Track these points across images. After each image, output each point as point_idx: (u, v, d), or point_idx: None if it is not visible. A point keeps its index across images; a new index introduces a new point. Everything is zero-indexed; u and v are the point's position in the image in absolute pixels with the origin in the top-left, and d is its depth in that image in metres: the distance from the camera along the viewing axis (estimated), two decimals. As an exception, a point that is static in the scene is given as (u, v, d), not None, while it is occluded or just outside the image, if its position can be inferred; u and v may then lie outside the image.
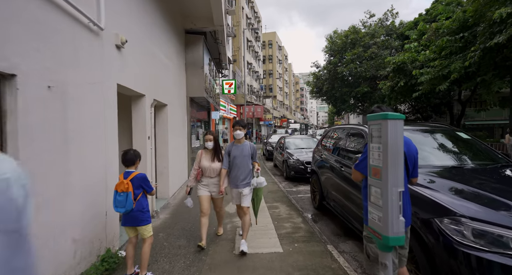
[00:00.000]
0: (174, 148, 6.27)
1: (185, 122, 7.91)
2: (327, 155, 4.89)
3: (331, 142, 5.00)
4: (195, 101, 9.21)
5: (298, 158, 8.12)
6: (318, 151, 5.55)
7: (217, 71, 13.34)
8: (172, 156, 6.07)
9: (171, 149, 5.99)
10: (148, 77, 4.47)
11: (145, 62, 4.42)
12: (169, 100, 5.89)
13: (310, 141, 9.91)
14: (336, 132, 4.98)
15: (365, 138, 3.56)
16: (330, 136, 5.19)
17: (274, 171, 10.30)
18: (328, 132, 5.45)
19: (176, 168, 6.40)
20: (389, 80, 15.28)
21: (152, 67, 4.75)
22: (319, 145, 5.73)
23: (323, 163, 4.94)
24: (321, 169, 5.05)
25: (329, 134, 5.28)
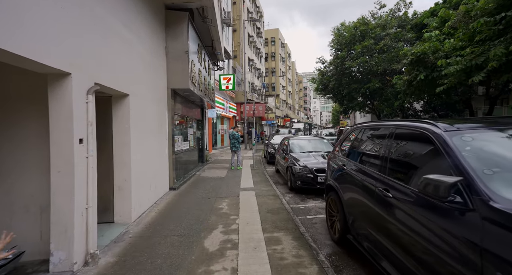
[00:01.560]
0: (143, 153, 4.73)
1: (165, 120, 6.36)
2: (352, 165, 3.32)
3: (358, 147, 3.41)
4: (180, 95, 7.67)
5: (306, 165, 6.53)
6: (336, 158, 3.97)
7: (213, 64, 11.80)
8: (139, 164, 4.53)
9: (138, 154, 4.44)
10: (82, 47, 2.92)
11: (79, 22, 2.88)
12: (134, 89, 4.35)
13: (320, 143, 8.31)
14: (366, 132, 3.38)
15: (435, 144, 1.99)
16: (356, 138, 3.59)
17: (276, 178, 8.72)
18: (351, 132, 3.85)
19: (145, 180, 4.85)
20: (406, 74, 13.61)
21: (94, 34, 3.20)
22: (338, 149, 4.14)
23: (346, 177, 3.36)
24: (342, 184, 3.47)
25: (354, 136, 3.68)
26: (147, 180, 4.93)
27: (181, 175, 7.88)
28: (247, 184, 7.45)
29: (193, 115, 9.91)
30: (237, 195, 6.17)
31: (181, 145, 8.09)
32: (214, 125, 18.15)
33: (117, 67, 3.81)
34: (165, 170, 6.26)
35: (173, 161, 6.72)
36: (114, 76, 3.71)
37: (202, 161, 11.55)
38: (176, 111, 7.45)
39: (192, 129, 9.81)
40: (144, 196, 4.78)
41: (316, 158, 6.99)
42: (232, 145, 10.26)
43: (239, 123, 25.53)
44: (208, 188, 6.90)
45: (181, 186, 7.03)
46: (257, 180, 7.98)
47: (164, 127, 6.27)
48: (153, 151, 5.33)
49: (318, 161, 6.75)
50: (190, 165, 9.38)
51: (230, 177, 8.60)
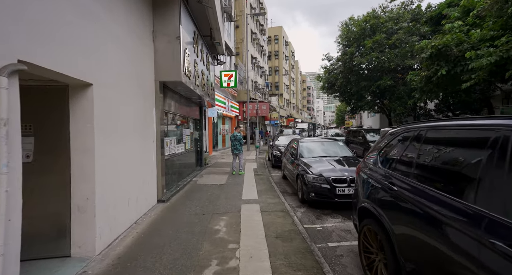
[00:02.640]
0: (117, 161, 3.66)
1: (152, 119, 5.30)
2: (408, 185, 2.20)
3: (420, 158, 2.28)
4: (172, 90, 6.60)
5: (321, 173, 5.43)
6: (374, 171, 2.86)
7: (213, 58, 10.73)
8: (110, 176, 3.46)
9: (107, 162, 3.38)
10: None
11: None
12: (102, 78, 3.28)
13: (334, 146, 7.18)
14: (433, 136, 2.21)
15: None
16: (412, 145, 2.45)
17: (283, 186, 7.61)
18: (399, 135, 2.71)
19: (121, 194, 3.78)
20: (424, 70, 12.44)
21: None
22: (374, 158, 3.03)
23: (400, 201, 2.25)
24: (391, 211, 2.36)
25: (407, 141, 2.54)
26: (123, 194, 3.86)
27: (173, 183, 6.81)
28: (250, 194, 6.36)
29: (189, 114, 8.85)
30: (238, 209, 5.08)
31: (174, 147, 7.02)
32: (214, 126, 17.10)
33: (72, 45, 2.75)
34: (152, 178, 5.20)
35: (163, 168, 5.65)
36: (67, 57, 2.65)
37: (201, 164, 10.49)
38: (167, 109, 6.39)
39: (188, 130, 8.74)
40: (119, 215, 3.71)
41: (332, 164, 5.88)
42: (234, 148, 9.19)
43: (241, 123, 24.44)
44: (204, 200, 5.83)
45: (172, 197, 5.96)
46: (261, 189, 6.89)
47: (151, 128, 5.20)
48: (133, 156, 4.26)
49: (335, 168, 5.64)
50: (186, 169, 8.32)
51: (230, 184, 7.52)
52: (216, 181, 7.91)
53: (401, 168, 2.40)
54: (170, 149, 6.64)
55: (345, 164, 5.84)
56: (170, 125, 6.78)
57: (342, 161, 6.09)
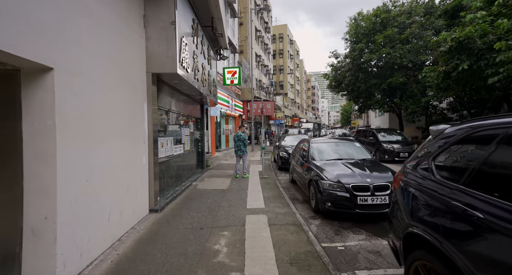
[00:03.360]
0: (92, 168, 2.95)
1: (143, 116, 4.58)
2: (508, 210, 1.43)
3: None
4: (168, 84, 5.89)
5: (339, 179, 4.65)
6: (430, 184, 2.07)
7: (215, 52, 10.01)
8: (80, 187, 2.75)
9: (75, 170, 2.67)
10: None
11: None
12: (69, 62, 2.58)
13: (350, 147, 6.38)
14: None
15: None
16: (500, 146, 1.66)
17: (292, 192, 6.85)
18: (471, 133, 1.88)
19: (98, 208, 3.06)
20: (441, 64, 11.55)
21: None
22: (428, 165, 2.24)
23: (492, 235, 1.47)
24: (475, 250, 1.58)
25: (487, 140, 1.73)
26: (101, 208, 3.15)
27: (170, 188, 6.10)
28: (256, 201, 5.61)
29: (189, 113, 8.14)
30: (242, 222, 4.34)
31: (171, 149, 6.31)
32: (217, 125, 16.40)
33: (22, 16, 2.03)
34: (142, 186, 4.48)
35: (156, 172, 4.93)
36: (13, 30, 1.94)
37: (202, 166, 9.77)
38: (163, 106, 5.68)
39: (188, 130, 8.03)
40: (95, 235, 2.99)
41: (350, 168, 5.10)
42: (237, 148, 8.45)
43: (245, 122, 23.71)
44: (203, 209, 5.10)
45: (168, 205, 5.25)
46: (268, 195, 6.13)
47: (141, 127, 4.49)
48: (115, 161, 3.54)
49: (354, 173, 4.86)
50: (185, 172, 7.61)
51: (234, 189, 6.78)
52: (218, 186, 7.18)
53: (486, 183, 1.62)
54: (166, 150, 5.93)
55: (366, 168, 5.06)
56: (166, 124, 6.08)
57: (361, 165, 5.30)
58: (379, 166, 5.41)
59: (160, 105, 5.51)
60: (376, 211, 4.37)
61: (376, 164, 5.47)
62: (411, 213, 2.20)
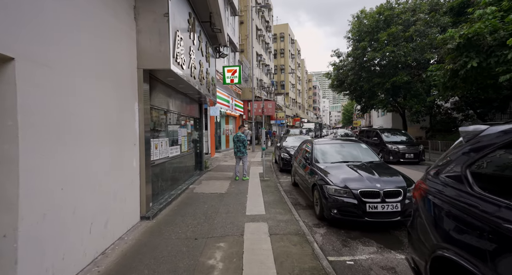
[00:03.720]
0: (66, 174, 2.59)
1: (134, 116, 4.23)
2: None
3: None
4: (163, 82, 5.54)
5: (346, 184, 4.28)
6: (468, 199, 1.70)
7: (214, 50, 9.66)
8: (52, 198, 2.39)
9: (46, 178, 2.31)
10: None
11: None
12: (37, 52, 2.23)
13: (356, 148, 6.00)
14: None
15: None
16: None
17: (294, 196, 6.49)
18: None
19: (70, 223, 2.69)
20: (448, 62, 11.15)
21: None
22: (462, 173, 1.87)
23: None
24: None
25: None
26: (80, 220, 2.79)
27: (164, 192, 5.75)
28: (256, 207, 5.25)
29: (187, 112, 7.79)
30: (240, 231, 3.98)
31: (167, 150, 5.96)
32: (217, 125, 16.05)
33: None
34: (132, 191, 4.13)
35: (149, 176, 4.58)
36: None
37: (200, 168, 9.42)
38: (157, 105, 5.32)
39: (185, 130, 7.68)
40: (72, 250, 2.63)
41: (357, 171, 4.72)
42: (237, 150, 8.09)
43: (246, 122, 23.36)
44: (199, 215, 4.74)
45: (161, 211, 4.89)
46: (269, 200, 5.77)
47: (131, 127, 4.13)
48: (99, 166, 3.19)
49: (361, 177, 4.49)
50: (182, 175, 7.25)
51: (233, 193, 6.42)
52: (216, 189, 6.82)
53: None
54: (161, 152, 5.58)
55: (374, 171, 4.68)
56: (161, 125, 5.72)
57: (369, 168, 4.93)
58: (388, 169, 5.03)
59: (153, 104, 5.16)
60: (387, 219, 4.00)
61: (384, 167, 5.09)
62: (440, 231, 1.83)
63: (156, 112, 5.40)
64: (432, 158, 12.76)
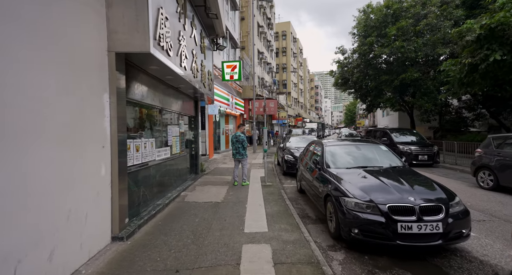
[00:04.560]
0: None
1: (102, 111, 3.36)
2: None
3: None
4: (145, 71, 4.66)
5: (371, 198, 3.39)
6: None
7: (211, 42, 8.80)
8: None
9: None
10: None
11: None
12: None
13: (374, 151, 5.09)
14: None
15: None
16: None
17: (301, 207, 5.61)
18: None
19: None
20: (466, 56, 10.23)
21: None
22: None
23: None
24: None
25: None
26: (1, 257, 1.93)
27: (148, 203, 4.88)
28: (257, 221, 4.37)
29: (179, 109, 6.92)
30: (236, 258, 3.10)
31: (153, 153, 5.10)
32: (216, 125, 15.19)
33: None
34: (98, 206, 3.26)
35: (124, 185, 3.71)
36: None
37: (196, 171, 8.56)
38: (137, 99, 4.46)
39: (177, 129, 6.82)
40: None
41: (381, 179, 3.84)
42: (236, 151, 7.23)
43: (247, 122, 22.48)
44: (186, 233, 3.87)
45: (141, 228, 4.02)
46: (272, 212, 4.89)
47: (99, 126, 3.27)
48: (45, 176, 2.33)
49: (387, 186, 3.60)
50: (172, 181, 6.39)
51: (230, 202, 5.55)
52: (211, 197, 5.95)
53: None
54: (144, 155, 4.72)
55: (402, 180, 3.80)
56: (145, 122, 4.86)
57: (394, 175, 4.04)
58: (418, 176, 4.14)
59: (133, 98, 4.30)
60: (425, 242, 3.11)
61: (413, 174, 4.20)
62: None
63: (137, 108, 4.54)
64: (446, 159, 11.83)
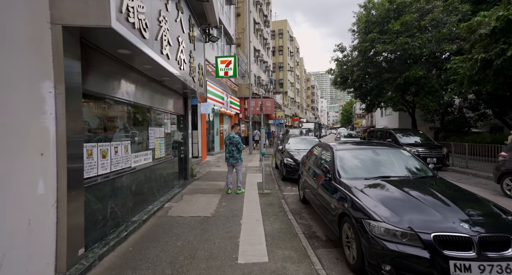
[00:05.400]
0: None
1: (42, 105, 2.42)
2: None
3: None
4: (114, 57, 3.72)
5: (408, 223, 2.51)
6: None
7: (202, 32, 7.88)
8: None
9: None
10: None
11: None
12: None
13: (399, 157, 4.19)
14: None
15: None
16: None
17: (307, 222, 4.74)
18: None
19: None
20: (478, 51, 9.47)
21: None
22: None
23: None
24: None
25: None
26: None
27: (118, 222, 3.94)
28: (254, 246, 3.48)
29: (164, 107, 6.00)
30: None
31: (126, 159, 4.17)
32: (210, 125, 14.26)
33: None
34: (32, 238, 2.34)
35: (78, 204, 2.79)
36: None
37: (185, 176, 7.64)
38: (101, 91, 3.53)
39: (161, 130, 5.90)
40: None
41: (417, 197, 2.97)
42: (229, 155, 6.33)
43: (242, 122, 21.56)
44: (162, 266, 2.96)
45: (103, 259, 3.09)
46: (273, 230, 4.01)
47: (33, 125, 2.34)
48: None
49: (425, 205, 2.75)
50: (155, 190, 5.46)
51: (221, 216, 4.65)
52: (199, 210, 5.04)
53: None
54: (115, 162, 3.80)
55: (443, 196, 2.94)
56: (115, 121, 3.94)
57: (428, 189, 3.18)
58: (460, 190, 3.30)
59: (97, 90, 3.38)
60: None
61: (453, 188, 3.35)
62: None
63: (101, 102, 3.62)
64: (455, 162, 11.09)
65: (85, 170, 3.10)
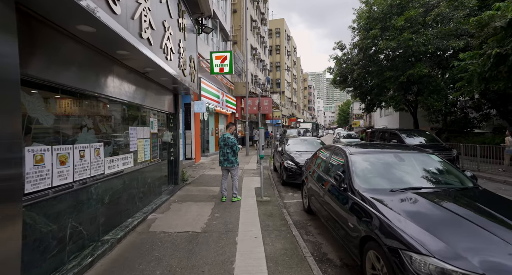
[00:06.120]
0: None
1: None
2: None
3: None
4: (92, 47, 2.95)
5: (471, 261, 1.80)
6: None
7: (195, 22, 7.12)
8: None
9: None
10: None
11: None
12: None
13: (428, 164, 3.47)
14: None
15: None
16: None
17: (314, 239, 4.03)
18: None
19: None
20: (491, 46, 8.85)
21: None
22: None
23: None
24: None
25: None
26: None
27: (81, 246, 3.17)
28: (252, 274, 2.76)
29: (149, 103, 5.23)
30: None
31: (98, 164, 3.41)
32: (204, 124, 13.50)
33: None
34: None
35: (12, 231, 2.03)
36: None
37: (175, 181, 6.88)
38: (55, 79, 2.75)
39: (146, 130, 5.14)
40: None
41: (462, 214, 2.28)
42: (224, 158, 5.59)
43: (239, 122, 20.80)
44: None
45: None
46: (275, 251, 3.28)
47: None
48: None
49: (483, 230, 2.05)
50: (138, 199, 4.69)
51: (214, 232, 3.91)
52: (188, 223, 4.30)
53: None
54: (81, 168, 3.05)
55: (503, 216, 2.24)
56: (80, 119, 3.18)
57: (478, 206, 2.49)
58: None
59: (46, 77, 2.61)
60: None
61: (505, 203, 2.65)
62: None
63: (62, 96, 2.85)
64: (465, 165, 10.48)
65: (30, 181, 2.35)
